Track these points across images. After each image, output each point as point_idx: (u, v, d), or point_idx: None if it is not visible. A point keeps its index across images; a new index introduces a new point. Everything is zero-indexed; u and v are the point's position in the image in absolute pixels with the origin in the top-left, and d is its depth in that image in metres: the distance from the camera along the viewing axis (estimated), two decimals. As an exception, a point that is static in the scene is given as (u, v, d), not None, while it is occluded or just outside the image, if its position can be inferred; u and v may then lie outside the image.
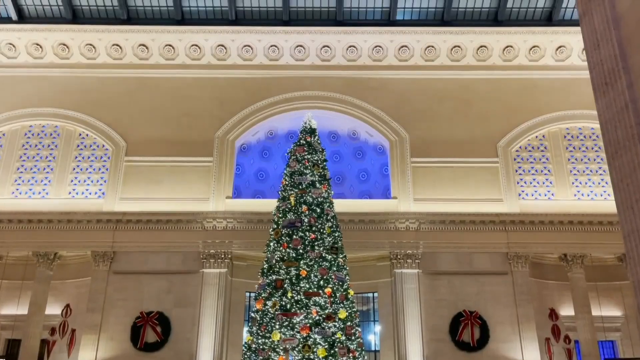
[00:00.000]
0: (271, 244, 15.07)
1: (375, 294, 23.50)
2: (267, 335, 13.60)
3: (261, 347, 13.59)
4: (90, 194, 23.75)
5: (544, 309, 22.91)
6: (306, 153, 16.00)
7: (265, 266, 14.85)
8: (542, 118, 24.69)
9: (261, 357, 13.44)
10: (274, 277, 14.23)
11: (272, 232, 15.27)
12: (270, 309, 13.86)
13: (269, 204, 21.90)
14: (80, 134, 24.71)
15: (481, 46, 25.04)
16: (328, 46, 25.17)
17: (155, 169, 23.85)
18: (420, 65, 25.38)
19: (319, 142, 16.77)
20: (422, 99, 25.03)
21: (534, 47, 24.97)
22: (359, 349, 14.09)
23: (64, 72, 25.27)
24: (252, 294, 23.25)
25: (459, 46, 25.06)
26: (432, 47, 25.12)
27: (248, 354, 13.91)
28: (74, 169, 24.15)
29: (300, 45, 25.18)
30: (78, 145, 24.57)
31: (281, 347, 13.36)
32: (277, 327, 13.59)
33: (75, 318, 22.30)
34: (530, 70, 25.26)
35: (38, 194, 23.65)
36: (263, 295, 14.27)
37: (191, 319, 21.51)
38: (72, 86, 25.09)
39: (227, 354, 21.89)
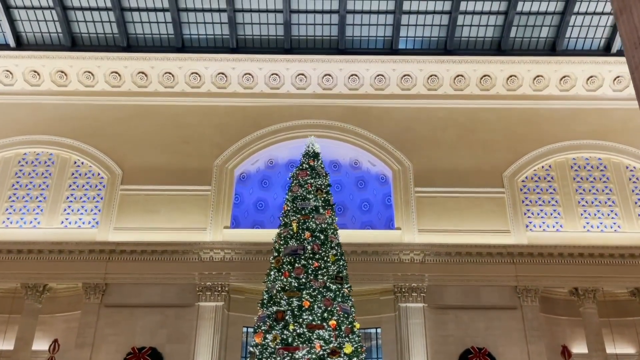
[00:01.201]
0: (272, 272, 14.22)
1: (379, 330, 22.43)
2: (267, 372, 12.65)
3: (260, 385, 12.63)
4: (83, 223, 22.95)
5: (556, 346, 21.86)
6: (309, 177, 15.34)
7: (266, 297, 13.97)
8: (547, 148, 24.21)
9: (261, 397, 12.45)
10: (275, 308, 13.33)
11: (273, 261, 14.44)
12: (270, 343, 12.90)
13: (268, 234, 20.99)
14: (75, 162, 24.09)
15: (485, 75, 24.77)
16: (330, 75, 24.88)
17: (152, 197, 23.14)
18: (423, 95, 25.05)
19: (322, 166, 16.14)
20: (426, 127, 24.60)
21: (537, 76, 24.71)
22: (366, 388, 13.14)
23: (61, 100, 24.84)
24: (250, 329, 22.21)
25: (462, 75, 24.79)
26: (435, 76, 24.84)
27: (246, 392, 12.91)
28: (68, 197, 23.42)
29: (302, 74, 24.89)
30: (73, 174, 23.92)
31: (282, 385, 12.40)
32: (277, 362, 12.66)
33: (63, 354, 21.13)
34: (535, 100, 24.95)
35: (29, 224, 22.84)
36: (263, 328, 13.33)
37: (185, 355, 20.39)
38: (69, 113, 24.61)
39: (223, 394, 20.71)
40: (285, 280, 13.73)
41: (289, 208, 15.10)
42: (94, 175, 23.88)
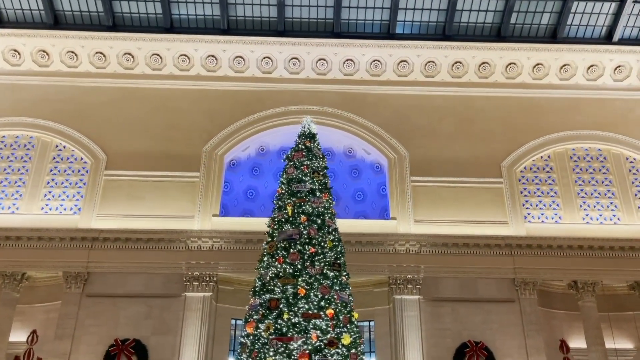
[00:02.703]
0: (265, 258, 13.34)
1: (372, 323, 21.68)
2: (260, 363, 11.80)
3: (252, 377, 11.79)
4: (65, 209, 21.92)
5: (553, 340, 21.24)
6: (305, 159, 14.48)
7: (258, 284, 13.11)
8: (546, 138, 23.62)
9: (252, 390, 11.61)
10: (268, 296, 12.47)
11: (266, 246, 13.57)
12: (263, 333, 12.05)
13: (259, 223, 20.19)
14: (57, 146, 23.03)
15: (483, 62, 24.09)
16: (324, 59, 24.03)
17: (137, 184, 22.17)
18: (420, 81, 24.32)
19: (319, 147, 15.30)
20: (422, 115, 23.88)
21: (537, 64, 24.09)
22: (365, 381, 12.36)
23: (43, 81, 23.76)
24: (239, 322, 21.36)
25: (460, 62, 24.09)
26: (433, 62, 24.10)
27: (237, 385, 12.06)
28: (48, 182, 22.37)
29: (295, 58, 24.02)
30: (54, 158, 22.86)
31: (276, 378, 11.56)
32: (270, 353, 11.76)
33: (41, 346, 20.07)
34: (534, 89, 24.35)
35: (7, 209, 21.75)
36: (255, 317, 12.47)
37: (171, 348, 19.50)
38: (51, 95, 23.54)
39: (210, 388, 19.86)
40: (279, 266, 12.88)
41: (283, 191, 14.23)
42: (76, 159, 22.83)
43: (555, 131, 23.68)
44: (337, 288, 12.87)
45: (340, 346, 12.06)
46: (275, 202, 14.33)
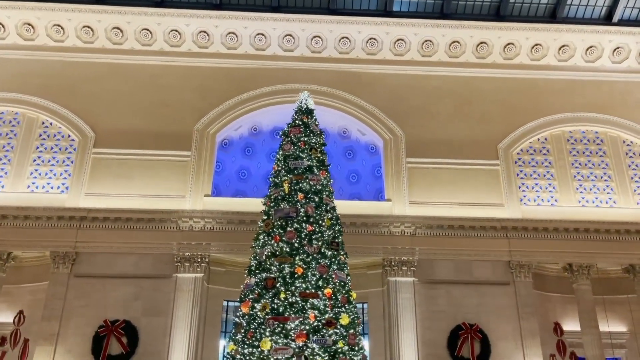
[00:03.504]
0: (260, 237, 12.92)
1: (365, 305, 21.42)
2: (255, 343, 11.40)
3: (247, 357, 11.38)
4: (52, 188, 21.33)
5: (547, 323, 21.17)
6: (302, 135, 13.99)
7: (253, 263, 12.70)
8: (544, 120, 23.33)
9: (247, 371, 11.26)
10: (264, 275, 12.06)
11: (262, 224, 13.14)
12: (259, 313, 11.68)
13: (252, 204, 19.86)
14: (43, 122, 22.35)
15: (481, 42, 23.65)
16: (319, 37, 23.45)
17: (127, 162, 21.61)
18: (417, 61, 23.86)
19: (316, 123, 14.80)
20: (419, 96, 23.46)
21: (536, 45, 23.70)
22: (363, 362, 12.07)
23: (28, 55, 23.00)
24: (231, 303, 21.07)
25: (458, 41, 23.63)
26: (430, 41, 23.62)
27: (231, 366, 11.70)
28: (35, 160, 21.73)
29: (290, 35, 23.41)
30: (40, 135, 22.19)
31: (272, 358, 11.19)
32: (267, 334, 11.42)
33: (29, 327, 19.60)
34: (532, 70, 24.00)
35: (-8, 187, 21.11)
36: (250, 296, 12.07)
37: (162, 329, 19.14)
38: (37, 70, 22.79)
39: (201, 370, 19.56)
40: (276, 244, 12.47)
41: (279, 167, 13.76)
42: (63, 137, 22.18)
43: (553, 113, 23.39)
44: (335, 267, 12.52)
45: (338, 326, 11.75)
46: (271, 179, 13.88)
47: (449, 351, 19.60)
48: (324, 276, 12.11)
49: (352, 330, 11.98)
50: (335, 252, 12.78)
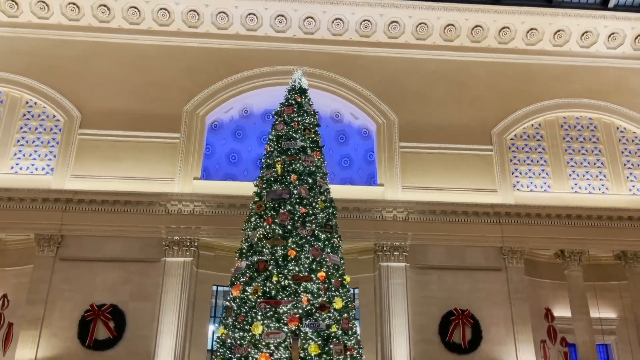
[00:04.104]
0: (252, 219, 12.56)
1: (356, 291, 21.24)
2: (247, 327, 11.11)
3: (238, 342, 11.10)
4: (36, 169, 20.78)
5: (539, 309, 21.24)
6: (296, 115, 13.59)
7: (245, 245, 12.37)
8: (538, 105, 23.12)
9: (238, 355, 10.93)
10: (256, 257, 11.73)
11: (254, 206, 12.78)
12: (250, 296, 11.37)
13: (242, 188, 19.52)
14: (27, 102, 21.72)
15: (476, 26, 23.30)
16: (312, 17, 22.96)
17: (114, 144, 21.09)
18: (412, 44, 23.47)
19: (310, 103, 14.40)
20: (413, 79, 23.11)
21: (531, 29, 23.41)
22: (357, 347, 11.79)
23: (11, 32, 22.27)
24: (220, 288, 20.79)
25: (452, 25, 23.25)
26: (425, 24, 23.23)
27: (221, 350, 11.36)
28: (19, 140, 21.14)
29: (282, 15, 22.89)
30: (24, 115, 21.57)
31: (264, 343, 10.92)
32: (259, 317, 11.13)
33: (13, 311, 19.30)
34: (527, 55, 23.72)
35: (-26, 168, 20.51)
36: (242, 279, 11.76)
37: (150, 313, 18.82)
38: (20, 48, 22.10)
39: (190, 356, 19.26)
40: (268, 227, 12.14)
41: (272, 148, 13.37)
42: (48, 117, 21.58)
43: (547, 99, 23.18)
44: (329, 250, 12.23)
45: (332, 310, 11.49)
46: (263, 160, 13.48)
47: (441, 337, 19.51)
48: (318, 259, 11.83)
49: (345, 315, 11.74)
50: (329, 235, 12.48)
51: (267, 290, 11.32)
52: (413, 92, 22.88)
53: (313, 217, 12.30)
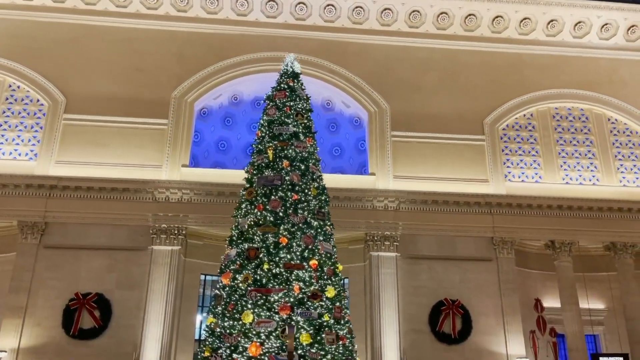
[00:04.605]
0: (243, 205, 12.24)
1: (346, 280, 21.03)
2: (237, 316, 10.84)
3: (228, 331, 10.82)
4: (19, 154, 20.26)
5: (528, 300, 21.18)
6: (288, 99, 13.25)
7: (235, 232, 12.06)
8: (530, 96, 23.02)
9: (228, 344, 10.67)
10: (247, 245, 11.44)
11: (244, 192, 12.46)
12: (240, 284, 11.08)
13: (232, 175, 19.21)
14: (10, 86, 21.13)
15: (470, 14, 23.06)
16: (304, 3, 22.57)
17: (100, 129, 20.60)
18: (404, 32, 23.18)
19: (303, 88, 14.06)
20: (405, 68, 22.84)
21: (525, 19, 23.22)
22: (349, 336, 11.59)
23: (-6, 13, 21.58)
24: (209, 277, 20.49)
25: (446, 13, 23.00)
26: (418, 11, 22.94)
27: (210, 339, 11.09)
28: (1, 125, 20.59)
29: (273, 0, 22.45)
30: (7, 99, 21.00)
31: (254, 332, 10.66)
32: (249, 306, 10.86)
33: (-5, 299, 18.82)
34: (520, 45, 23.58)
35: (-45, 153, 19.94)
36: (232, 267, 11.47)
37: (136, 302, 18.48)
38: (3, 30, 21.53)
39: (177, 345, 18.98)
40: (259, 213, 11.84)
41: (263, 134, 13.02)
42: (32, 101, 21.01)
43: (539, 89, 23.09)
44: (321, 238, 11.97)
45: (324, 299, 11.25)
46: (254, 145, 13.14)
47: (431, 327, 19.45)
48: (310, 247, 11.57)
49: (337, 303, 11.51)
50: (322, 223, 12.22)
51: (258, 278, 11.06)
52: (405, 81, 22.63)
53: (305, 204, 12.02)
